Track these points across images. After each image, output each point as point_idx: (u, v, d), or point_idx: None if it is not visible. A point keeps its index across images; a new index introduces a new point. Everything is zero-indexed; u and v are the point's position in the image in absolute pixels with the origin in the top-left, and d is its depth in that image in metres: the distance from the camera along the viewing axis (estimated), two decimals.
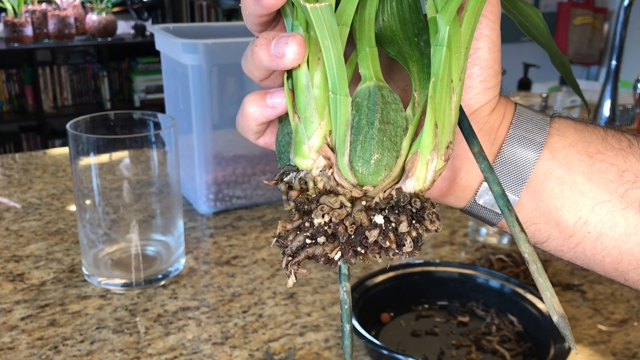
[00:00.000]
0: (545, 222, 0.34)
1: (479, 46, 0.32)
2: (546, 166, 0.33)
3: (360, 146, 0.28)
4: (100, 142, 0.65)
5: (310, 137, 0.28)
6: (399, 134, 0.28)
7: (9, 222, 0.85)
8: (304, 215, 0.28)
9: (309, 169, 0.29)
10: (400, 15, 0.31)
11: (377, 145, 0.28)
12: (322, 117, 0.28)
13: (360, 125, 0.28)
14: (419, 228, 0.28)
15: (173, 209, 0.71)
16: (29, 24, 3.07)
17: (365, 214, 0.28)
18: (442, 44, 0.28)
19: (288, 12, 0.29)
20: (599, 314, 0.65)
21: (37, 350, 0.58)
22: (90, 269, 0.69)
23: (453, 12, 0.28)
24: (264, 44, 0.28)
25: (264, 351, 0.58)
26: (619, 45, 1.02)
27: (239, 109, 0.32)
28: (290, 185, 0.29)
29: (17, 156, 1.15)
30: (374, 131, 0.28)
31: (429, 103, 0.28)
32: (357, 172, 0.28)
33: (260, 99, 0.30)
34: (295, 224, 0.28)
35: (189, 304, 0.66)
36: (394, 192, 0.28)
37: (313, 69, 0.28)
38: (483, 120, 0.33)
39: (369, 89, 0.28)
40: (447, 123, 0.28)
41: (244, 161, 0.92)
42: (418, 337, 0.61)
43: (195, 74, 0.83)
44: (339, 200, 0.28)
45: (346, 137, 0.28)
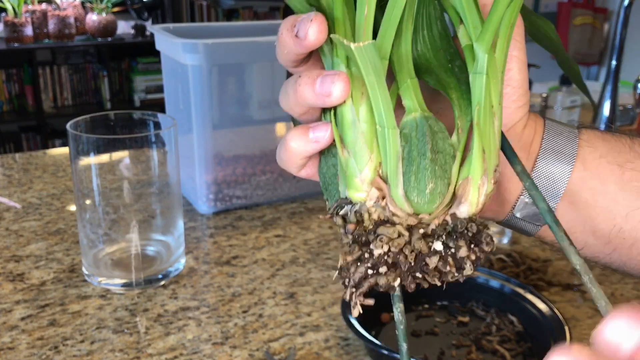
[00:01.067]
0: (582, 232, 0.35)
1: (510, 67, 0.33)
2: (579, 177, 0.34)
3: (414, 177, 0.29)
4: (100, 142, 0.65)
5: (362, 170, 0.29)
6: (448, 161, 0.29)
7: (9, 222, 0.85)
8: (363, 246, 0.29)
9: (363, 201, 0.29)
10: (432, 44, 0.32)
11: (430, 175, 0.28)
12: (371, 150, 0.29)
13: (411, 156, 0.29)
14: (477, 251, 0.29)
15: (173, 209, 0.71)
16: (29, 24, 3.07)
17: (425, 242, 0.28)
18: (482, 71, 0.29)
19: (326, 50, 0.30)
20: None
21: (37, 350, 0.58)
22: (91, 269, 0.69)
23: (490, 40, 0.29)
24: (309, 83, 0.29)
25: (264, 351, 0.58)
26: (619, 45, 1.02)
27: (280, 144, 0.33)
28: (345, 218, 0.29)
29: (17, 156, 1.15)
30: (427, 161, 0.28)
31: (475, 130, 0.29)
32: (413, 202, 0.29)
33: (303, 134, 0.31)
34: (356, 256, 0.29)
35: (189, 304, 0.66)
36: (449, 218, 0.29)
37: (358, 104, 0.29)
38: (517, 138, 0.34)
39: (415, 121, 0.29)
40: (492, 147, 0.29)
41: (244, 161, 0.92)
42: (418, 337, 0.61)
43: (195, 74, 0.83)
44: (396, 230, 0.28)
45: (398, 168, 0.28)
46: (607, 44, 3.76)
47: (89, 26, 3.26)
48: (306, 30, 0.28)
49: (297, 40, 0.29)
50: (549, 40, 0.40)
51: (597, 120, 1.10)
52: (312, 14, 0.29)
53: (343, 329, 0.62)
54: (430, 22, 0.32)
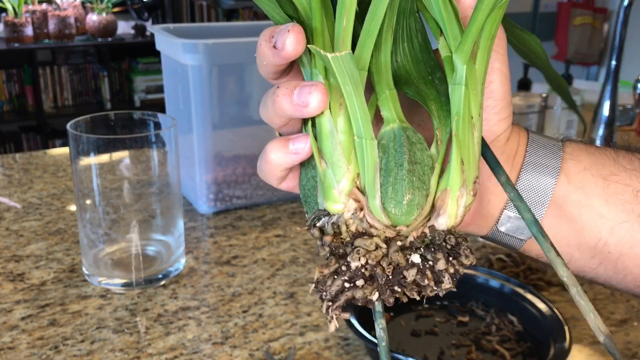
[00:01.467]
0: (566, 245, 0.35)
1: (492, 79, 0.32)
2: (563, 190, 0.34)
3: (391, 188, 0.28)
4: (100, 142, 0.65)
5: (339, 181, 0.29)
6: (426, 172, 0.29)
7: (9, 222, 0.85)
8: (339, 259, 0.28)
9: (340, 212, 0.29)
10: (413, 55, 0.32)
11: (407, 186, 0.28)
12: (349, 161, 0.29)
13: (389, 167, 0.29)
14: (455, 264, 0.29)
15: (173, 209, 0.71)
16: (29, 24, 3.07)
17: (402, 254, 0.28)
18: (461, 82, 0.29)
19: (305, 61, 0.30)
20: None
21: (37, 350, 0.58)
22: (91, 268, 0.69)
23: (469, 51, 0.29)
24: (286, 94, 0.29)
25: (264, 351, 0.58)
26: (619, 45, 1.02)
27: (260, 156, 0.32)
28: (323, 230, 0.29)
29: (18, 156, 1.15)
30: (404, 172, 0.28)
31: (454, 141, 0.29)
32: (390, 213, 0.28)
33: (282, 146, 0.31)
34: (332, 269, 0.28)
35: (189, 303, 0.66)
36: (427, 230, 0.29)
37: (336, 115, 0.29)
38: (500, 150, 0.34)
39: (393, 131, 0.29)
40: (472, 159, 0.29)
41: (244, 161, 0.92)
42: (418, 337, 0.61)
43: (195, 74, 0.83)
44: (374, 242, 0.28)
45: (375, 179, 0.28)
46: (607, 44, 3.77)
47: (89, 26, 3.26)
48: (284, 41, 0.28)
49: (275, 51, 0.29)
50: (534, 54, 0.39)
51: (596, 121, 1.10)
52: (290, 24, 0.28)
53: (343, 328, 0.62)
54: (411, 34, 0.32)
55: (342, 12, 0.27)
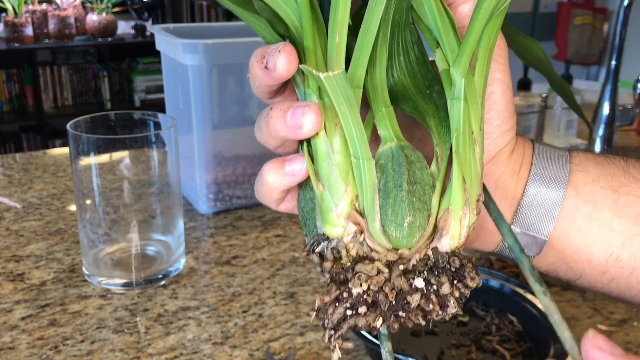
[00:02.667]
0: (577, 261, 0.33)
1: (493, 90, 0.31)
2: (572, 204, 0.33)
3: (391, 210, 0.27)
4: (100, 142, 0.65)
5: (337, 204, 0.28)
6: (427, 192, 0.28)
7: (9, 222, 0.85)
8: (340, 285, 0.27)
9: (340, 236, 0.28)
10: (409, 69, 0.30)
11: (408, 207, 0.27)
12: (346, 182, 0.28)
13: (387, 188, 0.27)
14: (461, 287, 0.28)
15: (173, 209, 0.71)
16: (29, 24, 3.07)
17: (405, 279, 0.27)
18: (459, 97, 0.28)
19: (298, 81, 0.29)
20: (598, 314, 0.66)
21: (37, 350, 0.58)
22: (91, 268, 0.69)
23: (467, 64, 0.28)
24: (279, 115, 0.28)
25: (264, 351, 0.58)
26: (619, 45, 1.02)
27: (257, 178, 0.31)
28: (322, 255, 0.28)
29: (18, 156, 1.15)
30: (403, 193, 0.27)
31: (455, 158, 0.28)
32: (391, 236, 0.27)
33: (278, 167, 0.30)
34: (333, 296, 0.27)
35: (189, 303, 0.66)
36: (430, 252, 0.28)
37: (331, 135, 0.28)
38: (504, 163, 0.33)
39: (391, 150, 0.28)
40: (474, 176, 0.28)
41: (244, 161, 0.92)
42: (418, 337, 0.61)
43: (195, 74, 0.83)
44: (375, 266, 0.27)
45: (374, 201, 0.27)
46: (607, 44, 3.77)
47: (89, 26, 3.26)
48: (275, 62, 0.27)
49: (267, 71, 0.28)
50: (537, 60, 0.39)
51: (596, 121, 1.10)
52: (281, 44, 0.27)
53: None
54: (407, 47, 0.30)
55: (334, 28, 0.26)
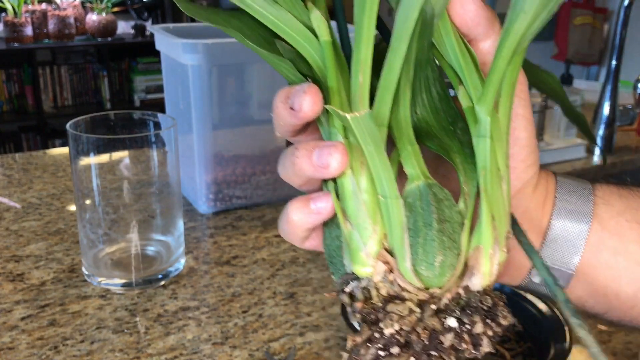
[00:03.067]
0: (604, 295, 0.33)
1: (515, 126, 0.31)
2: (597, 237, 0.33)
3: (422, 249, 0.27)
4: (100, 142, 0.65)
5: (366, 243, 0.27)
6: (456, 230, 0.28)
7: (9, 222, 0.85)
8: (372, 325, 0.27)
9: (369, 276, 0.28)
10: (432, 106, 0.30)
11: (438, 246, 0.27)
12: (375, 221, 0.27)
13: (417, 226, 0.27)
14: (493, 326, 0.27)
15: (173, 209, 0.71)
16: (29, 24, 3.07)
17: (437, 318, 0.27)
18: (485, 135, 0.28)
19: (323, 120, 0.29)
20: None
21: (37, 350, 0.58)
22: (90, 269, 0.69)
23: (491, 101, 0.28)
24: (305, 155, 0.28)
25: (264, 351, 0.58)
26: (619, 45, 1.02)
27: (281, 216, 0.31)
28: (352, 295, 0.28)
29: (17, 156, 1.15)
30: (434, 232, 0.27)
31: (483, 197, 0.28)
32: (422, 275, 0.27)
33: (304, 206, 0.29)
34: (365, 336, 0.27)
35: (189, 304, 0.66)
36: (462, 291, 0.28)
37: (358, 174, 0.28)
38: (529, 198, 0.33)
39: (419, 189, 0.28)
40: (502, 214, 0.28)
41: (243, 161, 0.92)
42: None
43: (195, 74, 0.83)
44: (407, 306, 0.27)
45: (404, 240, 0.27)
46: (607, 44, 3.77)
47: (89, 26, 3.26)
48: (300, 103, 0.27)
49: (292, 112, 0.28)
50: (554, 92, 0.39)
51: (597, 120, 1.10)
52: (306, 85, 0.27)
53: (343, 329, 0.62)
54: (429, 84, 0.30)
55: (357, 68, 0.27)
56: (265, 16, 0.29)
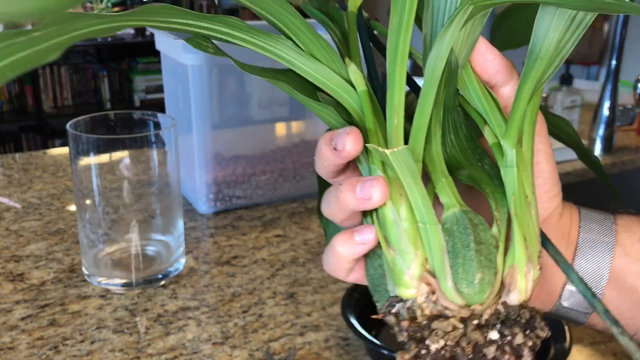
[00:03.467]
0: (632, 317, 0.35)
1: (538, 160, 0.34)
2: (621, 263, 0.35)
3: (462, 268, 0.29)
4: (100, 142, 0.65)
5: (409, 267, 0.30)
6: (492, 251, 0.30)
7: (9, 222, 0.85)
8: (419, 343, 0.29)
9: (413, 297, 0.30)
10: (460, 146, 0.34)
11: (477, 265, 0.29)
12: (416, 247, 0.30)
13: (456, 249, 0.30)
14: (533, 337, 0.29)
15: (173, 209, 0.71)
16: (29, 24, 3.06)
17: (480, 333, 0.29)
18: (512, 165, 0.31)
19: (362, 159, 0.32)
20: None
21: (37, 350, 0.58)
22: (90, 268, 0.69)
23: (515, 136, 0.31)
24: (349, 190, 0.31)
25: (264, 351, 0.58)
26: (619, 45, 1.01)
27: (326, 251, 0.34)
28: (398, 316, 0.30)
29: (17, 156, 1.15)
30: (472, 252, 0.30)
31: (515, 220, 0.30)
32: (463, 293, 0.29)
33: (349, 238, 0.32)
34: (413, 353, 0.29)
35: (189, 303, 0.66)
36: (500, 307, 0.30)
37: (398, 205, 0.31)
38: (555, 227, 0.36)
39: (455, 215, 0.31)
40: (533, 235, 0.31)
41: (244, 161, 0.92)
42: None
43: (195, 74, 0.83)
44: (451, 323, 0.29)
45: (444, 262, 0.30)
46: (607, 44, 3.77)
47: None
48: (344, 143, 0.31)
49: (336, 152, 0.31)
50: (567, 135, 0.42)
51: (596, 120, 1.10)
52: (348, 128, 0.31)
53: (343, 328, 0.62)
54: (456, 126, 0.34)
55: (392, 112, 0.31)
56: (308, 72, 0.33)
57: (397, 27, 0.30)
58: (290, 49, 0.33)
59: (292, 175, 0.94)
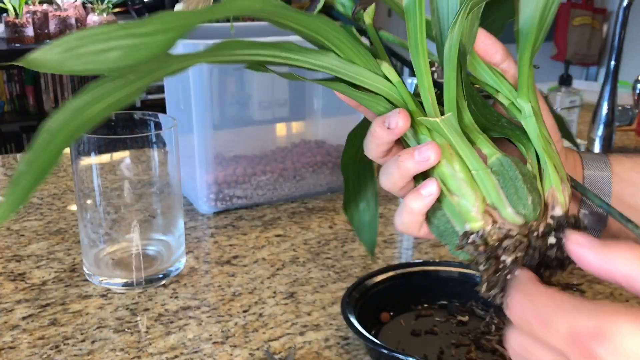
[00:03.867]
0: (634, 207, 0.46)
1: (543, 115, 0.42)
2: (618, 187, 0.45)
3: (516, 196, 0.37)
4: (101, 142, 0.65)
5: (473, 205, 0.37)
6: (533, 180, 0.38)
7: (10, 221, 0.85)
8: (496, 260, 0.36)
9: (483, 227, 0.37)
10: (481, 112, 0.41)
11: (527, 190, 0.36)
12: (474, 189, 0.37)
13: (507, 183, 0.37)
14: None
15: (174, 209, 0.71)
16: (30, 25, 3.07)
17: (541, 240, 0.37)
18: (530, 115, 0.39)
19: (409, 134, 0.40)
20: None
21: (38, 349, 0.58)
22: (92, 268, 0.69)
23: (527, 93, 0.39)
24: (408, 157, 0.38)
25: (264, 350, 0.59)
26: (618, 46, 1.02)
27: (399, 212, 0.40)
28: (475, 243, 0.37)
29: (19, 156, 1.15)
30: (520, 182, 0.37)
31: (543, 154, 0.38)
32: (521, 214, 0.37)
33: (417, 194, 0.39)
34: (493, 269, 0.36)
35: (189, 303, 0.66)
36: (550, 220, 0.37)
37: (451, 161, 0.38)
38: (564, 165, 0.42)
39: (499, 159, 0.38)
40: (559, 163, 0.39)
41: (244, 161, 0.92)
42: (418, 337, 0.61)
43: (196, 74, 0.83)
44: (517, 239, 0.36)
45: (500, 195, 0.37)
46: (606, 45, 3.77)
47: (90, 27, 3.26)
48: (397, 121, 0.38)
49: (389, 130, 0.38)
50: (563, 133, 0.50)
51: (595, 121, 1.10)
52: (397, 109, 0.38)
53: (343, 328, 0.62)
54: (474, 98, 0.41)
55: (425, 93, 0.39)
56: (351, 76, 0.40)
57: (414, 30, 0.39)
58: (334, 60, 0.39)
59: (292, 175, 0.94)
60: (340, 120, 1.01)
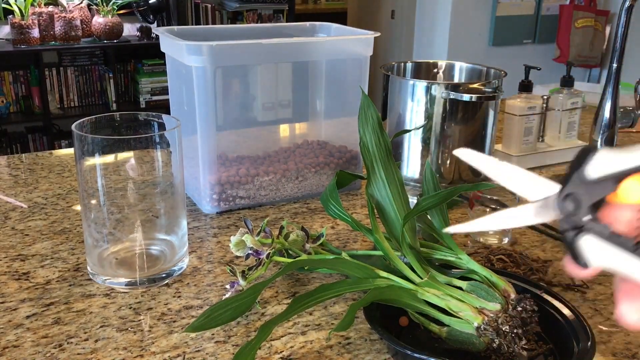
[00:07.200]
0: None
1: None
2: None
3: (489, 295, 0.55)
4: (105, 142, 0.66)
5: (472, 312, 0.55)
6: (490, 288, 0.58)
7: (15, 221, 0.86)
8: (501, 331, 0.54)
9: (483, 319, 0.54)
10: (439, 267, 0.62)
11: (492, 291, 0.56)
12: (467, 304, 0.55)
13: (480, 292, 0.57)
14: None
15: (177, 209, 0.72)
16: (36, 26, 3.08)
17: (514, 310, 0.55)
18: (469, 260, 0.62)
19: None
20: (599, 314, 0.66)
21: (42, 348, 0.59)
22: (95, 268, 0.70)
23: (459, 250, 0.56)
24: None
25: (264, 350, 0.59)
26: (620, 48, 1.02)
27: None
28: (486, 329, 0.55)
29: (24, 156, 1.16)
30: (486, 288, 0.57)
31: (489, 277, 0.59)
32: (498, 303, 0.56)
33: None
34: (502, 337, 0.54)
35: (192, 302, 0.67)
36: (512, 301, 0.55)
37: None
38: None
39: (469, 283, 0.57)
40: (495, 275, 0.58)
41: (247, 162, 0.92)
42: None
43: (199, 75, 0.83)
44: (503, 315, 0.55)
45: (480, 300, 0.56)
46: (609, 47, 3.76)
47: (95, 28, 3.28)
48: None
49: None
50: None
51: (597, 123, 1.10)
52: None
53: None
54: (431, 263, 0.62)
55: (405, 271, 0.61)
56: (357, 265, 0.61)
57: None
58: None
59: (295, 176, 0.94)
60: (343, 121, 1.01)
